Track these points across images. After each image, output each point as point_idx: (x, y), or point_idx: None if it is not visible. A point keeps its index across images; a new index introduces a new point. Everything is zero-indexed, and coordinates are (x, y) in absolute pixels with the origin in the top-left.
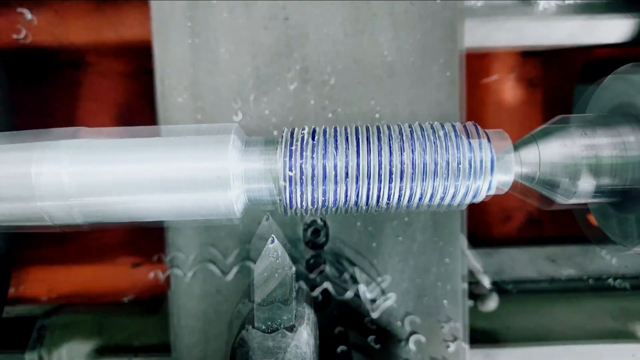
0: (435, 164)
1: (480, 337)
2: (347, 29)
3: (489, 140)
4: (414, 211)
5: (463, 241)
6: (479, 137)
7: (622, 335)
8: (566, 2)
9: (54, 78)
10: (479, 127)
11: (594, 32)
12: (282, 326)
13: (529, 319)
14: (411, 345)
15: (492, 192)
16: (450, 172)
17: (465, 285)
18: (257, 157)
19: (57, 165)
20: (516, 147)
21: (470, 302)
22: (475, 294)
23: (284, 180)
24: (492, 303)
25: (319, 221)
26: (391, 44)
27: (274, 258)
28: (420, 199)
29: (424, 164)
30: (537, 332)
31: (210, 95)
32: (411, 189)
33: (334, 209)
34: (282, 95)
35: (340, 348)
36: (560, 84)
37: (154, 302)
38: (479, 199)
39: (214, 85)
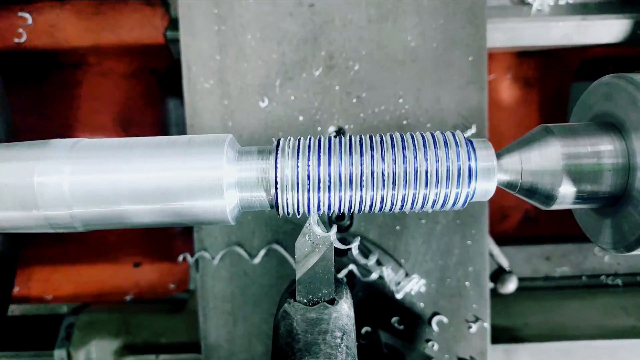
0: (421, 173)
1: (497, 333)
2: (372, 15)
3: (473, 149)
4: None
5: (485, 224)
6: (464, 146)
7: (637, 332)
8: (560, 3)
9: (54, 79)
10: (464, 136)
11: (588, 32)
12: (322, 299)
13: (545, 316)
14: (434, 325)
15: (476, 199)
16: (434, 180)
17: (487, 267)
18: (250, 166)
19: (58, 176)
20: (499, 156)
21: (490, 285)
22: (495, 276)
23: (276, 188)
24: (511, 285)
25: None
26: (414, 30)
27: (314, 234)
28: (402, 205)
29: (408, 173)
30: (553, 328)
31: (236, 81)
32: (392, 196)
33: (326, 213)
34: (307, 81)
35: (365, 329)
36: (556, 83)
37: (179, 301)
38: (462, 206)
39: (241, 71)
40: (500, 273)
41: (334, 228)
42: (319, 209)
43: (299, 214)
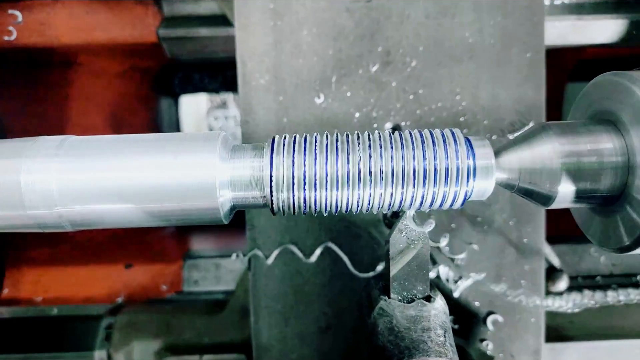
0: (416, 172)
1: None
2: (429, 11)
3: (471, 147)
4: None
5: (542, 222)
6: (461, 145)
7: None
8: (555, 2)
9: (44, 78)
10: (461, 134)
11: (583, 32)
12: (417, 296)
13: (591, 314)
14: (489, 325)
15: (473, 198)
16: (431, 179)
17: (543, 265)
18: (243, 164)
19: (45, 174)
20: (497, 154)
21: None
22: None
23: (269, 187)
24: (562, 284)
25: None
26: (472, 26)
27: (410, 230)
28: (399, 204)
29: (403, 172)
30: (599, 327)
31: (292, 77)
32: (391, 195)
33: (318, 213)
34: (363, 78)
35: None
36: (552, 83)
37: (219, 301)
38: (460, 205)
39: (296, 68)
40: (551, 271)
41: (432, 224)
42: (309, 208)
43: (304, 212)
